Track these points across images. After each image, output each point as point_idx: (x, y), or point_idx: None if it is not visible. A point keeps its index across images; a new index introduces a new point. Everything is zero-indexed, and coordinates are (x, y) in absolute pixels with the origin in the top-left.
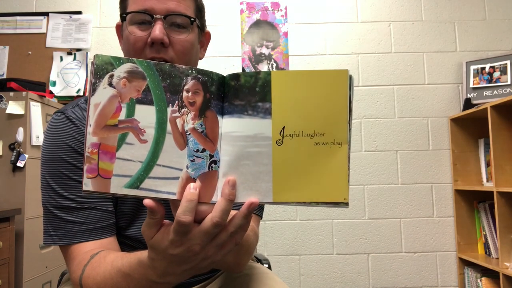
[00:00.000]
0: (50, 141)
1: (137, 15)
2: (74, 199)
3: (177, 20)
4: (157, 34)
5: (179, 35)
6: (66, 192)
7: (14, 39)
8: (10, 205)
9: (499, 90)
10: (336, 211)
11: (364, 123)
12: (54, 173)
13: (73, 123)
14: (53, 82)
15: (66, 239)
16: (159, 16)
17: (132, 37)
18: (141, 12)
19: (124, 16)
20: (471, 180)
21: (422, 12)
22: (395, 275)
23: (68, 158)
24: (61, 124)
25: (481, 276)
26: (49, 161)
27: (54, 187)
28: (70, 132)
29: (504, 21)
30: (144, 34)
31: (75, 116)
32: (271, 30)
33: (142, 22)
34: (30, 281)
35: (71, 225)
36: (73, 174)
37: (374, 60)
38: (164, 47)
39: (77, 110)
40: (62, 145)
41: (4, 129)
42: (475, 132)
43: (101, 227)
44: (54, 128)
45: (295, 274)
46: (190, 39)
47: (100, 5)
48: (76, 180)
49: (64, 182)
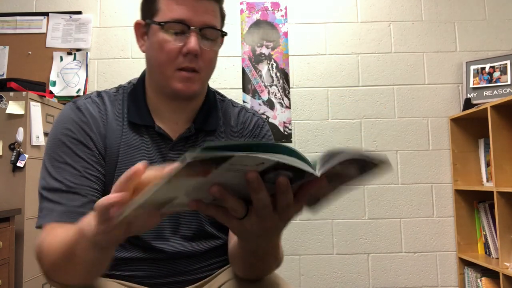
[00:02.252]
0: (55, 126)
1: (174, 25)
2: (64, 182)
3: (210, 34)
4: (193, 46)
5: (209, 46)
6: (58, 175)
7: (14, 39)
8: (10, 205)
9: (499, 90)
10: (336, 211)
11: (364, 123)
12: (52, 156)
13: (82, 112)
14: (53, 82)
15: (46, 217)
16: (195, 28)
17: (167, 45)
18: (179, 22)
19: (163, 25)
20: (471, 180)
21: (422, 12)
22: (395, 275)
23: (68, 142)
24: (70, 111)
25: (481, 276)
26: (50, 144)
27: (48, 169)
28: (77, 120)
29: (504, 21)
30: (179, 44)
31: (85, 106)
32: (271, 30)
33: (177, 32)
34: (30, 281)
35: (53, 204)
36: (68, 158)
37: (374, 60)
38: (195, 57)
39: (88, 102)
40: (64, 130)
41: (4, 129)
42: (475, 132)
43: (83, 213)
44: (63, 114)
45: (295, 274)
46: (217, 50)
47: (100, 5)
48: (70, 165)
49: (59, 165)
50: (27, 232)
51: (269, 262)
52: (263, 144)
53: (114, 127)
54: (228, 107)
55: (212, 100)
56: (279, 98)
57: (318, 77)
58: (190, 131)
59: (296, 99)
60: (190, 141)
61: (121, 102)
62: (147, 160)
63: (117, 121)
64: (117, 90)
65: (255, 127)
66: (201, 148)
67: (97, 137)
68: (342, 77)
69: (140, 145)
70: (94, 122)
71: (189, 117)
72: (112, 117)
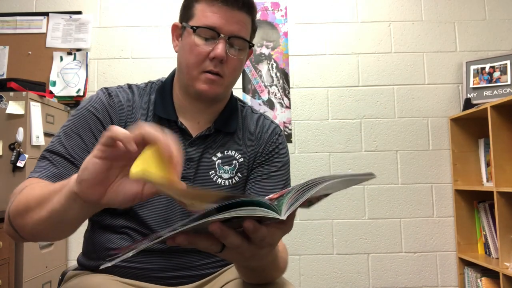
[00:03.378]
0: (83, 103)
1: (206, 30)
2: (69, 152)
3: (237, 43)
4: (220, 53)
5: (236, 55)
6: (66, 141)
7: (14, 39)
8: None
9: (499, 90)
10: (336, 211)
11: (364, 123)
12: (68, 125)
13: (111, 97)
14: (53, 82)
15: (36, 173)
16: (224, 36)
17: (196, 48)
18: (211, 29)
19: (195, 29)
20: (471, 180)
21: (422, 12)
22: (395, 275)
23: (88, 117)
24: (101, 94)
25: (481, 276)
26: (71, 116)
27: (60, 135)
28: (104, 102)
29: (504, 21)
30: (207, 48)
31: (115, 93)
32: (271, 30)
33: (207, 37)
34: (30, 281)
35: (50, 164)
36: (82, 131)
37: (374, 60)
38: (221, 63)
39: (119, 90)
40: (90, 107)
41: (4, 129)
42: (475, 132)
43: None
44: (93, 96)
45: (295, 274)
46: (243, 59)
47: (100, 5)
48: (82, 139)
49: (71, 134)
50: None
51: (269, 273)
52: (234, 203)
53: (138, 117)
54: (247, 113)
55: (234, 105)
56: (279, 98)
57: (318, 77)
58: (210, 130)
59: (296, 99)
60: (209, 139)
61: (148, 96)
62: None
63: (142, 113)
64: (146, 85)
65: (272, 134)
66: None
67: (119, 122)
68: (342, 77)
69: None
70: (120, 108)
71: (210, 118)
72: (138, 108)
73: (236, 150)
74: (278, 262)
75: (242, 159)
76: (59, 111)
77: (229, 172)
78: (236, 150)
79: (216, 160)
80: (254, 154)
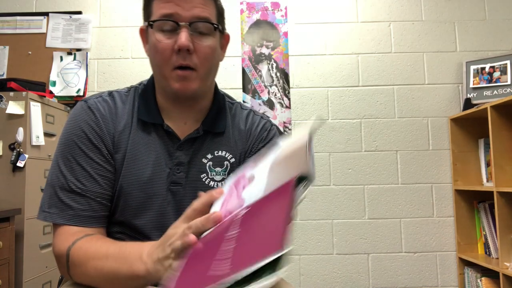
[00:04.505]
0: (68, 125)
1: (163, 22)
2: (75, 183)
3: (202, 27)
4: (183, 42)
5: (203, 41)
6: (70, 175)
7: (14, 39)
8: (10, 205)
9: (499, 90)
10: (336, 211)
11: (364, 123)
12: (65, 155)
13: (93, 112)
14: (53, 82)
15: (59, 219)
16: (185, 24)
17: (159, 45)
18: (167, 19)
19: (152, 24)
20: (471, 180)
21: (422, 12)
22: (395, 275)
23: (80, 144)
24: (81, 111)
25: (481, 276)
26: (63, 143)
27: (61, 167)
28: (88, 121)
29: (504, 21)
30: (171, 42)
31: (96, 106)
32: (271, 30)
33: (167, 29)
34: (30, 281)
35: (65, 206)
36: (81, 160)
37: (374, 60)
38: (189, 53)
39: (99, 101)
40: (78, 131)
41: (4, 129)
42: (475, 132)
43: (91, 216)
44: (75, 114)
45: (295, 274)
46: (213, 45)
47: (100, 5)
48: (82, 167)
49: (71, 165)
50: (27, 232)
51: None
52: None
53: (123, 124)
54: (237, 110)
55: (222, 103)
56: (279, 98)
57: (318, 77)
58: (198, 133)
59: (296, 99)
60: (198, 142)
61: (131, 101)
62: (153, 157)
63: (126, 119)
64: (128, 90)
65: (262, 130)
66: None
67: (107, 136)
68: (342, 77)
69: (148, 142)
70: (104, 121)
71: (197, 117)
72: (122, 115)
73: (227, 150)
74: None
75: (233, 159)
76: (59, 111)
77: (221, 173)
78: (227, 150)
79: (206, 162)
80: (244, 152)
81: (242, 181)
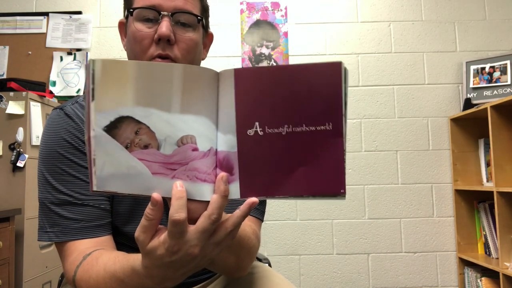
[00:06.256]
0: (48, 137)
1: (144, 11)
2: (72, 195)
3: (184, 18)
4: (163, 31)
5: (185, 33)
6: (64, 188)
7: (14, 39)
8: (10, 205)
9: (499, 90)
10: (336, 211)
11: (364, 123)
12: (52, 169)
13: (72, 119)
14: (53, 82)
15: (63, 236)
16: (166, 13)
17: (138, 33)
18: (149, 8)
19: (132, 12)
20: (471, 180)
21: (422, 12)
22: (395, 275)
23: (67, 154)
24: (60, 120)
25: (481, 276)
26: (47, 157)
27: (52, 183)
28: (69, 128)
29: (504, 21)
30: (151, 31)
31: (74, 112)
32: (271, 30)
33: (148, 19)
34: (30, 281)
35: (68, 221)
36: (72, 170)
37: (374, 60)
38: (170, 44)
39: (76, 107)
40: (60, 141)
41: (4, 129)
42: (475, 132)
43: (98, 225)
44: (53, 124)
45: (295, 274)
46: (195, 38)
47: (100, 5)
48: (75, 176)
49: (63, 177)
50: (27, 232)
51: (247, 253)
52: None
53: None
54: None
55: None
56: None
57: None
58: None
59: None
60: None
61: None
62: None
63: None
64: None
65: None
66: None
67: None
68: None
69: None
70: (83, 124)
71: None
72: None
73: None
74: (243, 245)
75: None
76: None
77: None
78: None
79: None
80: None
81: (193, 151)
